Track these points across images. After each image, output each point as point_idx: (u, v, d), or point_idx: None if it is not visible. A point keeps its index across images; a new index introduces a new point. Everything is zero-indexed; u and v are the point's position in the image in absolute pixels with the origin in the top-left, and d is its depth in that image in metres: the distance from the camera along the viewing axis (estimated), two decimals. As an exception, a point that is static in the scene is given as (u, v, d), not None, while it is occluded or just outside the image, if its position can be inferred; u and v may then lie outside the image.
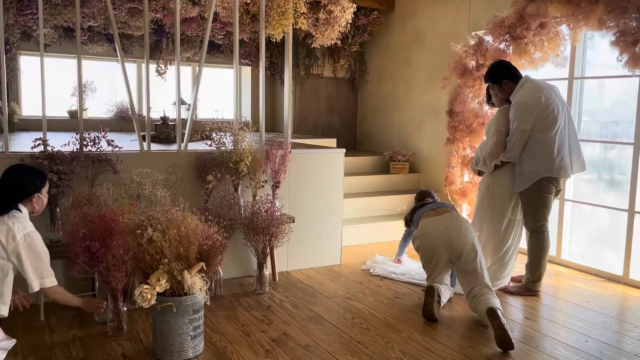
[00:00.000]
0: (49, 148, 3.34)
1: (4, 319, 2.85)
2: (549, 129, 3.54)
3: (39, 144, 3.32)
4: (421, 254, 3.48)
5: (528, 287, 3.76)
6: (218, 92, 7.86)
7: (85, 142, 3.43)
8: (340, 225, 4.48)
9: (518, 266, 3.98)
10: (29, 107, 6.74)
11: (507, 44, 4.51)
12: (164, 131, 5.68)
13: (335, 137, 6.95)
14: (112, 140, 3.46)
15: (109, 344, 2.85)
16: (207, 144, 3.86)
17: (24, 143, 4.47)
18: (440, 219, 3.46)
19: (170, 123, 5.96)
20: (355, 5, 4.70)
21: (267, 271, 3.79)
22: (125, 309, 2.98)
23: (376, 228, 5.27)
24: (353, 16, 4.76)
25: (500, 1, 4.73)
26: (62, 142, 3.40)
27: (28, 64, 6.73)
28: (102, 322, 3.11)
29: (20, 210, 2.63)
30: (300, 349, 2.84)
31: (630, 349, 2.94)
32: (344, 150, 4.53)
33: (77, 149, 3.42)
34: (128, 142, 4.61)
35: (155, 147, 4.15)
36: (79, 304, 2.84)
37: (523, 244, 3.85)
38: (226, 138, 3.83)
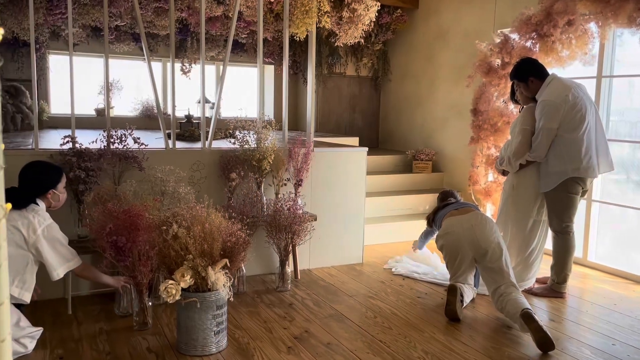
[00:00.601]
0: (77, 145, 3.41)
1: (33, 312, 2.93)
2: (576, 129, 3.48)
3: (67, 141, 3.40)
4: (445, 253, 3.46)
5: (553, 288, 3.70)
6: (241, 91, 7.91)
7: (112, 140, 3.49)
8: (362, 224, 4.48)
9: (543, 267, 3.93)
10: (57, 105, 6.88)
11: (533, 42, 4.44)
12: (188, 129, 5.74)
13: (357, 135, 6.94)
14: (138, 138, 3.51)
15: (134, 338, 2.90)
16: (230, 142, 3.89)
17: (52, 140, 4.57)
18: (464, 218, 3.44)
19: (194, 121, 6.03)
20: (379, 4, 4.69)
21: (289, 269, 3.81)
22: (150, 304, 3.03)
23: (398, 227, 5.25)
24: (376, 14, 4.75)
25: (527, -2, 4.66)
26: (89, 140, 3.47)
27: (57, 62, 6.87)
28: (123, 316, 3.17)
29: (37, 204, 2.74)
30: (322, 347, 2.85)
31: (659, 353, 2.87)
32: (366, 149, 4.52)
33: (104, 146, 3.48)
34: (153, 140, 4.67)
35: (180, 145, 4.20)
36: (109, 281, 3.02)
37: (549, 244, 3.80)
38: (249, 136, 3.85)
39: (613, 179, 4.46)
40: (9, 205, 0.76)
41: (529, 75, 3.64)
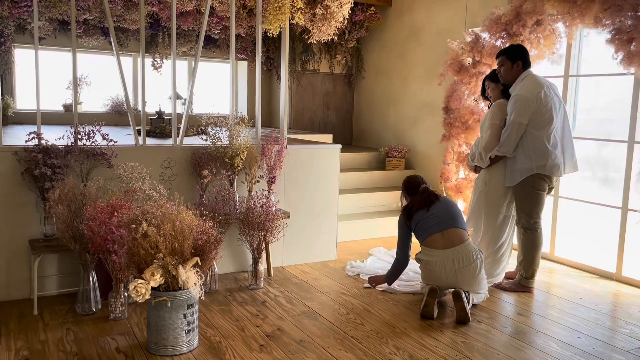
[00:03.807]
0: (43, 142, 3.32)
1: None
2: (545, 126, 3.55)
3: (33, 138, 3.31)
4: (423, 275, 3.48)
5: (522, 283, 3.78)
6: (214, 87, 7.83)
7: (80, 136, 3.42)
8: (335, 221, 4.49)
9: (511, 262, 4.00)
10: (23, 100, 6.69)
11: (503, 41, 4.51)
12: (159, 125, 5.65)
13: (331, 133, 6.95)
14: (107, 134, 3.45)
15: (102, 338, 2.85)
16: (202, 138, 3.85)
17: (18, 136, 4.45)
18: (449, 255, 3.29)
19: (165, 117, 5.94)
20: (352, 1, 4.68)
21: (262, 266, 3.80)
22: (126, 294, 3.04)
23: (371, 224, 5.28)
24: (350, 12, 4.75)
25: (497, -2, 4.73)
26: (56, 136, 3.39)
27: (23, 57, 6.68)
28: (86, 314, 3.15)
29: None
30: (294, 344, 2.84)
31: (622, 345, 2.96)
32: (339, 146, 4.53)
33: (71, 142, 3.40)
34: (123, 136, 4.59)
35: (150, 141, 4.14)
36: None
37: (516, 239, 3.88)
38: (222, 133, 3.82)
39: (579, 176, 4.56)
40: None
41: (518, 58, 3.68)
